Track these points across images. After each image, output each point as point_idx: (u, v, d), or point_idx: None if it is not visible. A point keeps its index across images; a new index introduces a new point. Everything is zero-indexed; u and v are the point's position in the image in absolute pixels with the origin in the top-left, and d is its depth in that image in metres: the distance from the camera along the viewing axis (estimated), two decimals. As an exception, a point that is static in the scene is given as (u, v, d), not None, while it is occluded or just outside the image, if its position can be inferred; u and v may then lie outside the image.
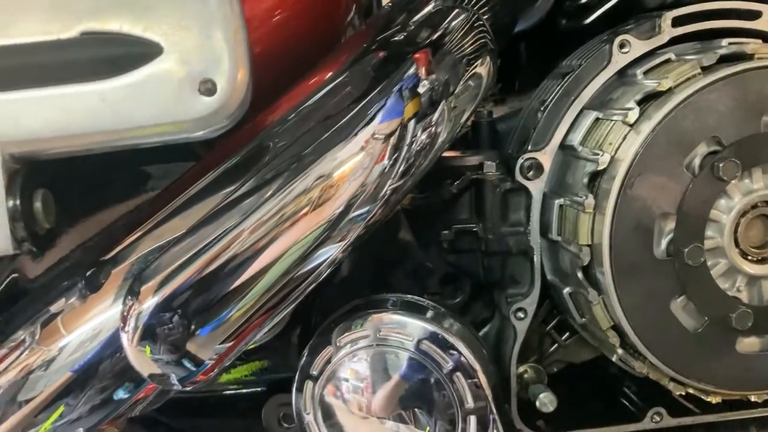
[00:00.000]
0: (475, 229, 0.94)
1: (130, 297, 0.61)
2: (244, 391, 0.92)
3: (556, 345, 1.03)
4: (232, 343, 0.67)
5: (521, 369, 1.01)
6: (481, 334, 0.99)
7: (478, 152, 0.98)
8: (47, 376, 0.70)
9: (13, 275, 0.75)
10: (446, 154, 0.96)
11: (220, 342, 0.65)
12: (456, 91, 0.82)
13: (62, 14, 0.57)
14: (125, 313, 0.61)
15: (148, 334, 0.61)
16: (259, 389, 0.92)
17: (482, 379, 0.78)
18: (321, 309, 0.88)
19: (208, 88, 0.58)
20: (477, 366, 0.78)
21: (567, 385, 1.06)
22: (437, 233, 0.95)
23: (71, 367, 0.70)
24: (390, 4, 1.00)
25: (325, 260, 0.72)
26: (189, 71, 0.58)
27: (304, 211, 0.70)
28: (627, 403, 1.02)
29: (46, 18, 0.57)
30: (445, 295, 0.99)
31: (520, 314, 0.94)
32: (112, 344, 0.65)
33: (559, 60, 1.01)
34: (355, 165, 0.73)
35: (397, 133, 0.75)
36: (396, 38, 0.84)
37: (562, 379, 1.06)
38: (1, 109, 0.58)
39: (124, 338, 0.61)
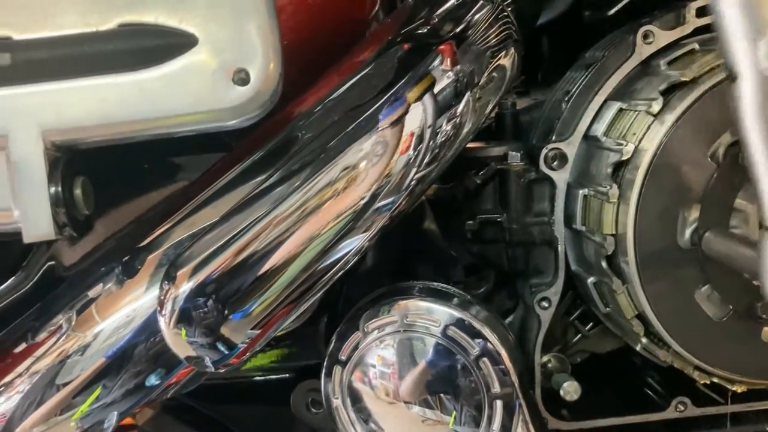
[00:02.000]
0: (499, 220, 0.95)
1: (167, 282, 0.63)
2: (273, 377, 0.94)
3: (579, 335, 1.04)
4: (263, 327, 0.68)
5: (545, 358, 1.02)
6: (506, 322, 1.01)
7: (502, 143, 0.99)
8: (83, 361, 0.72)
9: (50, 263, 0.77)
10: (470, 144, 0.97)
11: (252, 327, 0.67)
12: (480, 83, 0.83)
13: (101, 7, 0.59)
14: (162, 298, 0.63)
15: (184, 318, 0.63)
16: (287, 375, 0.94)
17: (508, 364, 0.79)
18: (347, 297, 0.90)
19: (241, 77, 0.60)
20: (503, 352, 0.79)
21: (590, 375, 1.08)
22: (462, 223, 0.96)
23: (106, 352, 0.72)
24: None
25: (352, 249, 0.74)
26: (223, 61, 0.59)
27: (331, 200, 0.72)
28: (651, 393, 1.02)
29: (85, 11, 0.59)
30: (469, 285, 1.00)
31: (545, 303, 0.94)
32: (146, 330, 0.67)
33: (582, 52, 1.02)
34: (380, 156, 0.74)
35: (421, 124, 0.76)
36: (420, 30, 0.85)
37: (585, 369, 1.07)
38: (43, 98, 0.60)
39: (162, 321, 0.63)
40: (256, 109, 0.62)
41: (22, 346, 0.72)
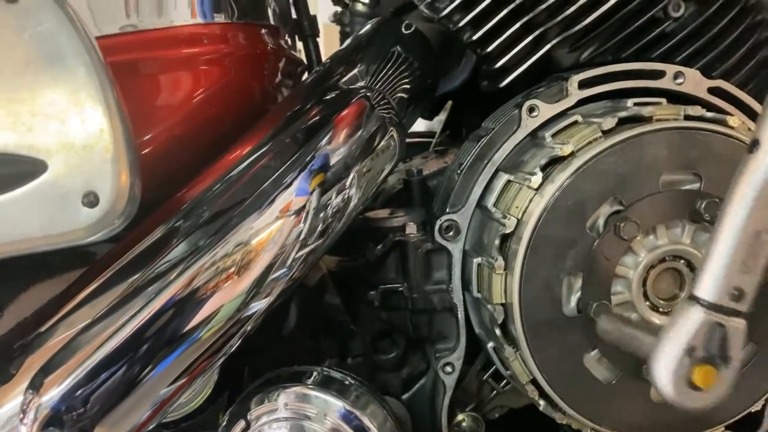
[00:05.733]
0: (401, 289, 0.97)
1: (30, 390, 0.65)
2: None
3: (495, 392, 1.06)
4: (143, 420, 0.71)
5: (460, 417, 1.04)
6: (418, 385, 1.03)
7: (407, 211, 1.02)
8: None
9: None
10: (372, 215, 1.01)
11: (130, 422, 0.70)
12: (368, 158, 0.87)
13: (-47, 137, 0.62)
14: (25, 407, 0.65)
15: (56, 422, 0.65)
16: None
17: (384, 449, 0.82)
18: (254, 374, 0.92)
19: (90, 200, 0.62)
20: (378, 437, 0.82)
21: (510, 429, 1.10)
22: (366, 293, 0.99)
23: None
24: (320, 67, 1.05)
25: (251, 316, 0.77)
26: (71, 186, 0.62)
27: (223, 277, 0.75)
28: (563, 449, 1.05)
29: (-63, 141, 0.62)
30: (381, 350, 1.02)
31: (448, 368, 0.97)
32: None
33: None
34: (272, 231, 0.78)
35: (311, 199, 0.80)
36: (312, 111, 0.89)
37: (505, 423, 1.09)
38: None
39: (23, 431, 0.66)
40: (110, 226, 0.65)
41: None
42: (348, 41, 1.05)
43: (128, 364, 0.69)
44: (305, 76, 1.22)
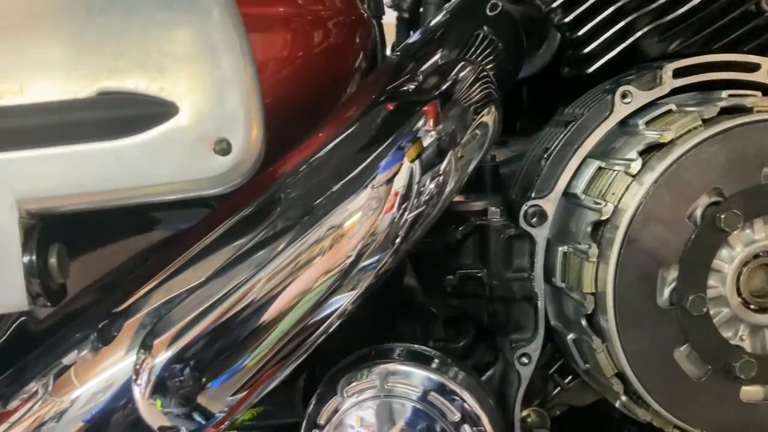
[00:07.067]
0: (479, 275, 0.94)
1: (143, 351, 0.62)
2: (248, 437, 0.92)
3: (559, 388, 1.03)
4: (243, 395, 0.67)
5: (525, 413, 1.01)
6: (484, 377, 1.00)
7: (482, 197, 0.99)
8: (59, 428, 0.70)
9: (22, 318, 0.75)
10: (451, 199, 0.98)
11: (231, 394, 0.66)
12: (463, 141, 0.83)
13: (80, 74, 0.58)
14: (138, 367, 0.62)
15: (160, 387, 0.62)
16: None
17: (487, 428, 0.78)
18: (326, 354, 0.88)
19: (222, 147, 0.59)
20: (482, 415, 0.78)
21: (570, 429, 1.07)
22: (442, 278, 0.96)
23: (83, 418, 0.69)
24: (398, 52, 1.02)
25: (336, 310, 0.74)
26: (204, 131, 0.59)
27: (315, 261, 0.71)
28: (629, 448, 1.02)
29: (64, 78, 0.58)
30: (449, 339, 0.99)
31: (524, 360, 0.94)
32: (124, 396, 0.66)
33: (560, 105, 1.03)
34: (364, 216, 0.74)
35: (405, 183, 0.76)
36: (404, 90, 0.86)
37: (565, 422, 1.06)
38: (19, 166, 0.59)
39: (137, 391, 0.62)
40: (238, 178, 0.61)
41: (-6, 414, 0.69)
42: (430, 20, 1.02)
43: (236, 333, 0.65)
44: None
